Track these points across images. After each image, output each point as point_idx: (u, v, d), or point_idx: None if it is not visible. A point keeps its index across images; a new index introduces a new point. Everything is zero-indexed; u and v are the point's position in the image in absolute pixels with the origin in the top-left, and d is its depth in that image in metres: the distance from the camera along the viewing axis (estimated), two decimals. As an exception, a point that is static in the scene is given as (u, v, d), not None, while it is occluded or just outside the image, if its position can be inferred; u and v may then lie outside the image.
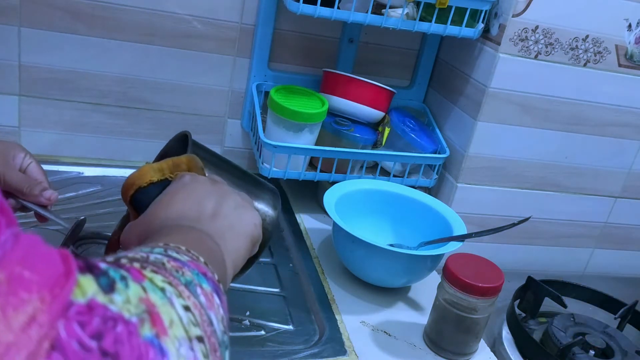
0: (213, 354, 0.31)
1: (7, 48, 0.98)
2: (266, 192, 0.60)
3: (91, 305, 0.25)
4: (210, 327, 0.32)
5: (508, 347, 0.89)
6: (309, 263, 0.93)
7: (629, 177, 1.14)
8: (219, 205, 0.48)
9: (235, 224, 0.48)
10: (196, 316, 0.31)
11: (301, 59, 1.13)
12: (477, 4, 0.94)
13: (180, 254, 0.36)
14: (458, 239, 0.88)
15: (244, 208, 0.50)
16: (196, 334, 0.30)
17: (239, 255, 0.48)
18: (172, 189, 0.48)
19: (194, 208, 0.46)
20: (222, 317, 0.35)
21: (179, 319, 0.29)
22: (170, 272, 0.32)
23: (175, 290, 0.31)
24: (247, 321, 0.81)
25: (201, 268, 0.36)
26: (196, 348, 0.30)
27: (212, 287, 0.35)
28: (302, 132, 0.99)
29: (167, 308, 0.29)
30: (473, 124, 1.01)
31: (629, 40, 0.99)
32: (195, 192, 0.48)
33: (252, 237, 0.50)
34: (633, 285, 1.21)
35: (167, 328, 0.28)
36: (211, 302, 0.34)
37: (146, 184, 0.50)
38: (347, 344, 0.78)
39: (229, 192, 0.50)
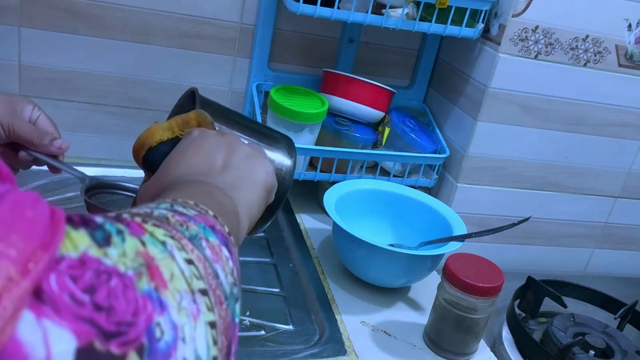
0: (218, 306, 0.31)
1: (7, 48, 0.98)
2: (280, 141, 0.60)
3: (84, 259, 0.25)
4: (215, 280, 0.32)
5: (508, 347, 0.89)
6: (309, 263, 0.93)
7: (629, 177, 1.14)
8: (229, 157, 0.47)
9: (247, 174, 0.48)
10: (200, 269, 0.31)
11: (301, 59, 1.13)
12: (477, 4, 0.94)
13: (187, 208, 0.36)
14: (458, 239, 0.88)
15: (254, 157, 0.50)
16: (199, 287, 0.30)
17: (253, 205, 0.47)
18: (181, 146, 0.48)
19: (204, 162, 0.46)
20: (231, 270, 0.35)
21: (181, 272, 0.29)
22: (173, 226, 0.32)
23: (178, 244, 0.30)
24: (247, 321, 0.81)
25: (209, 221, 0.36)
26: (199, 300, 0.29)
27: (220, 239, 0.35)
28: (302, 132, 0.99)
29: (168, 261, 0.29)
30: (473, 124, 1.01)
31: (629, 40, 0.99)
32: (204, 146, 0.47)
33: (265, 186, 0.49)
34: (633, 285, 1.21)
35: (167, 281, 0.28)
36: (218, 255, 0.33)
37: (156, 143, 0.50)
38: (347, 344, 0.78)
39: (238, 143, 0.50)
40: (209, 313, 0.30)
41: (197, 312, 0.29)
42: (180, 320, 0.27)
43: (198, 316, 0.29)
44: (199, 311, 0.29)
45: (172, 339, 0.26)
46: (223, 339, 0.31)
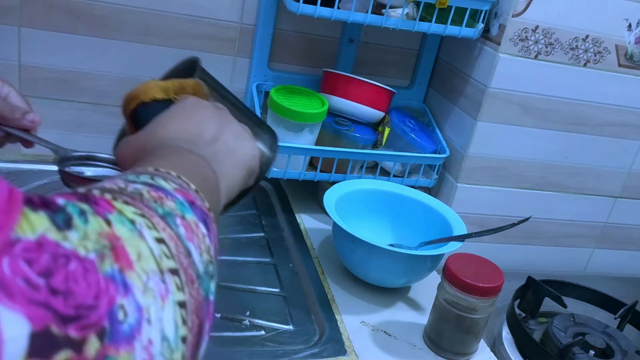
0: (189, 285, 0.31)
1: (7, 48, 0.98)
2: (266, 132, 0.59)
3: (41, 242, 0.24)
4: (187, 259, 0.31)
5: (508, 347, 0.89)
6: (309, 263, 0.93)
7: (629, 177, 1.14)
8: (220, 131, 0.47)
9: (234, 151, 0.47)
10: (171, 248, 0.30)
11: (301, 59, 1.13)
12: (477, 4, 0.94)
13: (168, 180, 0.35)
14: (458, 239, 0.88)
15: (243, 137, 0.49)
16: (169, 266, 0.29)
17: (233, 184, 0.47)
18: (174, 109, 0.47)
19: (194, 130, 0.45)
20: (207, 247, 0.34)
21: (150, 251, 0.29)
22: (147, 202, 0.31)
23: (148, 222, 0.30)
24: (247, 321, 0.81)
25: (189, 196, 0.35)
26: (168, 280, 0.29)
27: (199, 216, 0.35)
28: (302, 132, 0.99)
29: (135, 241, 0.28)
30: (473, 124, 1.01)
31: (629, 40, 0.99)
32: (197, 115, 0.47)
33: (248, 167, 0.49)
34: (633, 285, 1.21)
35: (134, 262, 0.27)
36: (193, 232, 0.33)
37: (149, 99, 0.49)
38: (347, 344, 0.78)
39: (231, 120, 0.50)
40: (179, 292, 0.29)
41: (165, 292, 0.28)
42: (145, 302, 0.27)
43: (166, 296, 0.28)
44: (167, 291, 0.28)
45: (136, 320, 0.26)
46: (194, 318, 0.31)
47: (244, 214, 1.07)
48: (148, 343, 0.26)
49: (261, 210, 1.08)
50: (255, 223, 1.04)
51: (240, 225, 1.03)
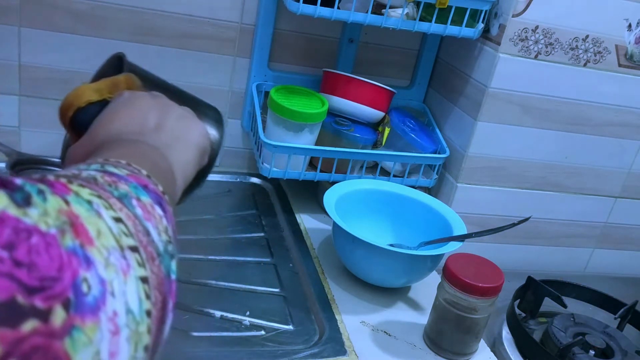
0: (150, 262, 0.31)
1: (7, 48, 0.98)
2: (208, 111, 0.59)
3: (2, 218, 0.24)
4: (146, 237, 0.32)
5: (508, 347, 0.89)
6: (309, 263, 0.93)
7: (629, 177, 1.14)
8: (162, 118, 0.47)
9: (181, 134, 0.47)
10: (129, 227, 0.31)
11: (301, 59, 1.13)
12: (477, 4, 0.94)
13: (119, 168, 0.36)
14: (458, 239, 0.88)
15: (187, 118, 0.49)
16: (129, 244, 0.30)
17: (188, 165, 0.47)
18: (112, 107, 0.47)
19: (136, 122, 0.46)
20: (165, 228, 0.35)
21: (108, 229, 0.29)
22: (102, 186, 0.32)
23: (105, 203, 0.30)
24: (247, 321, 0.81)
25: (141, 180, 0.36)
26: (129, 256, 0.29)
27: (153, 198, 0.35)
28: (302, 132, 0.99)
29: (94, 219, 0.29)
30: (473, 124, 1.01)
31: (629, 40, 0.99)
32: (137, 107, 0.47)
33: (199, 147, 0.49)
34: (633, 285, 1.21)
35: (94, 238, 0.28)
36: (150, 213, 0.34)
37: (85, 104, 0.48)
38: (347, 344, 0.78)
39: (171, 105, 0.50)
40: (140, 268, 0.30)
41: (127, 267, 0.29)
42: (108, 275, 0.27)
43: (128, 271, 0.29)
44: (129, 266, 0.29)
45: (100, 293, 0.27)
46: (157, 294, 0.31)
47: (244, 214, 1.07)
48: (113, 315, 0.27)
49: (261, 210, 1.08)
50: (255, 223, 1.04)
51: (240, 225, 1.03)
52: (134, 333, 0.28)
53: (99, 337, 0.26)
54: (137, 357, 0.29)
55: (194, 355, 0.73)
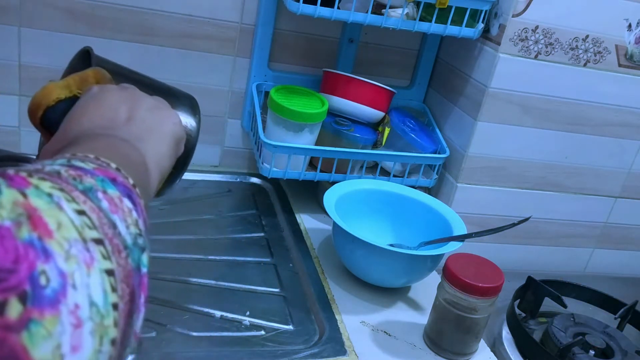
0: (116, 255, 0.31)
1: (7, 48, 0.98)
2: (182, 99, 0.58)
3: None
4: (112, 230, 0.31)
5: (508, 347, 0.89)
6: (309, 263, 0.93)
7: (629, 177, 1.14)
8: (133, 109, 0.47)
9: (153, 124, 0.47)
10: (93, 220, 0.30)
11: (301, 59, 1.13)
12: (477, 4, 0.94)
13: (86, 162, 0.35)
14: (458, 239, 0.88)
15: (159, 109, 0.49)
16: (92, 236, 0.29)
17: (162, 156, 0.47)
18: (81, 102, 0.47)
19: (107, 116, 0.45)
20: (135, 221, 0.34)
21: (70, 222, 0.28)
22: (65, 179, 0.31)
23: (67, 196, 0.30)
24: (247, 321, 0.81)
25: (109, 174, 0.35)
26: (93, 249, 0.29)
27: (122, 191, 0.35)
28: (302, 132, 0.99)
29: (54, 212, 0.28)
30: (473, 124, 1.01)
31: (629, 40, 0.99)
32: (107, 100, 0.46)
33: (173, 136, 0.49)
34: (633, 285, 1.21)
35: (53, 230, 0.27)
36: (117, 206, 0.33)
37: (54, 102, 0.48)
38: (347, 344, 0.78)
39: (141, 96, 0.49)
40: (105, 261, 0.29)
41: (90, 259, 0.28)
42: (68, 268, 0.27)
43: (92, 264, 0.28)
44: (92, 259, 0.28)
45: (60, 285, 0.26)
46: (124, 287, 0.31)
47: (244, 214, 1.07)
48: (75, 307, 0.26)
49: (261, 210, 1.08)
50: (255, 223, 1.04)
51: (240, 225, 1.03)
52: (98, 326, 0.28)
53: (59, 330, 0.25)
54: (102, 350, 0.28)
55: (194, 355, 0.73)
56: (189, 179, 1.12)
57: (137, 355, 0.71)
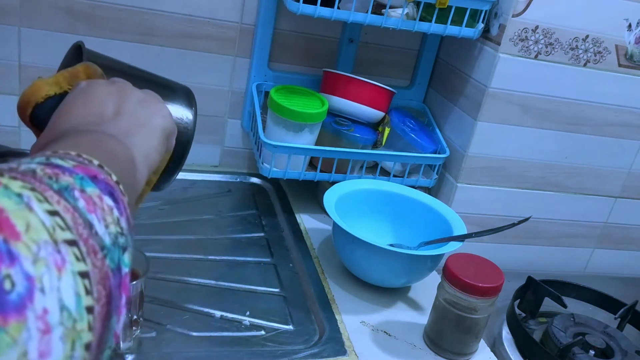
0: (92, 256, 0.30)
1: (7, 48, 0.98)
2: (178, 91, 0.57)
3: None
4: (88, 230, 0.30)
5: (508, 347, 0.89)
6: (309, 263, 0.93)
7: (629, 177, 1.14)
8: (121, 104, 0.46)
9: (141, 119, 0.46)
10: (67, 220, 0.29)
11: (301, 59, 1.13)
12: (477, 4, 0.94)
13: (66, 159, 0.34)
14: (458, 239, 0.88)
15: (148, 102, 0.48)
16: (65, 238, 0.28)
17: (151, 150, 0.46)
18: (69, 98, 0.46)
19: (95, 111, 0.44)
20: (115, 219, 0.33)
21: (40, 223, 0.27)
22: (39, 178, 0.30)
23: (39, 196, 0.29)
24: (247, 321, 0.81)
25: (90, 171, 0.34)
26: (64, 251, 0.28)
27: (103, 189, 0.34)
28: (302, 132, 0.99)
29: (23, 212, 0.27)
30: (473, 124, 1.01)
31: (629, 40, 0.99)
32: (94, 96, 0.46)
33: (162, 129, 0.48)
34: (633, 285, 1.21)
35: (21, 233, 0.26)
36: (95, 204, 0.32)
37: (43, 99, 0.47)
38: (347, 344, 0.78)
39: (130, 89, 0.48)
40: (79, 263, 0.29)
41: (62, 262, 0.27)
42: (36, 271, 0.26)
43: (63, 266, 0.28)
44: (64, 261, 0.28)
45: (27, 289, 0.25)
46: (100, 289, 0.30)
47: (244, 214, 1.07)
48: (43, 312, 0.26)
49: (261, 210, 1.08)
50: (255, 223, 1.04)
51: (240, 225, 1.03)
52: (69, 331, 0.27)
53: (25, 336, 0.24)
54: (74, 356, 0.27)
55: (194, 355, 0.73)
56: (189, 179, 1.12)
57: (137, 355, 0.71)
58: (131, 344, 0.71)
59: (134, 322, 0.70)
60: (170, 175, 0.54)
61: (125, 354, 0.70)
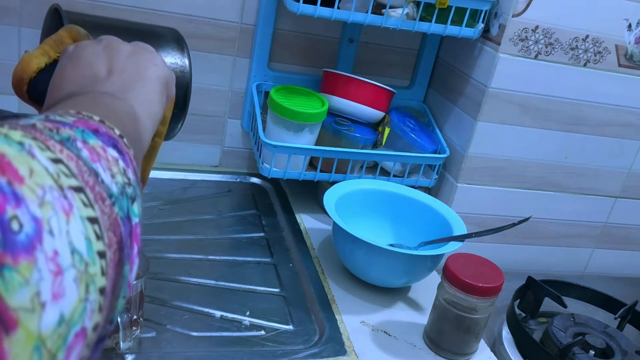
0: (100, 203, 0.30)
1: (7, 48, 0.98)
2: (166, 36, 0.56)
3: None
4: (93, 178, 0.30)
5: (508, 347, 0.89)
6: (309, 263, 0.93)
7: (629, 177, 1.14)
8: (111, 61, 0.45)
9: (135, 72, 0.46)
10: (71, 167, 0.29)
11: (301, 59, 1.13)
12: (477, 4, 0.94)
13: (65, 116, 0.34)
14: (458, 239, 0.88)
15: (138, 54, 0.48)
16: (70, 184, 0.28)
17: (151, 103, 0.45)
18: (59, 67, 0.46)
19: (86, 73, 0.44)
20: (122, 170, 0.33)
21: (44, 169, 0.27)
22: (39, 130, 0.30)
23: (41, 144, 0.28)
24: (247, 321, 0.81)
25: (91, 125, 0.34)
26: (71, 196, 0.28)
27: (105, 141, 0.33)
28: (302, 132, 0.99)
29: (24, 158, 0.27)
30: (473, 124, 1.01)
31: (629, 40, 0.99)
32: (83, 58, 0.45)
33: (158, 78, 0.47)
34: (633, 285, 1.21)
35: (24, 177, 0.26)
36: (99, 155, 0.32)
37: (35, 73, 0.47)
38: (347, 344, 0.78)
39: (117, 44, 0.48)
40: (86, 209, 0.28)
41: (69, 207, 0.27)
42: (43, 214, 0.26)
43: (71, 211, 0.27)
44: (71, 206, 0.27)
45: (35, 231, 0.25)
46: (111, 235, 0.30)
47: (244, 214, 1.07)
48: (53, 254, 0.25)
49: (261, 210, 1.08)
50: (255, 223, 1.04)
51: (240, 225, 1.03)
52: (82, 274, 0.27)
53: (36, 277, 0.24)
54: (89, 299, 0.27)
55: (194, 355, 0.73)
56: (189, 179, 1.12)
57: (137, 355, 0.71)
58: (131, 344, 0.71)
59: (134, 322, 0.70)
60: (178, 122, 0.53)
61: (125, 354, 0.70)
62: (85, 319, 0.27)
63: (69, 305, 0.26)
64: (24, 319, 0.23)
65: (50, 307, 0.25)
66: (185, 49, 0.56)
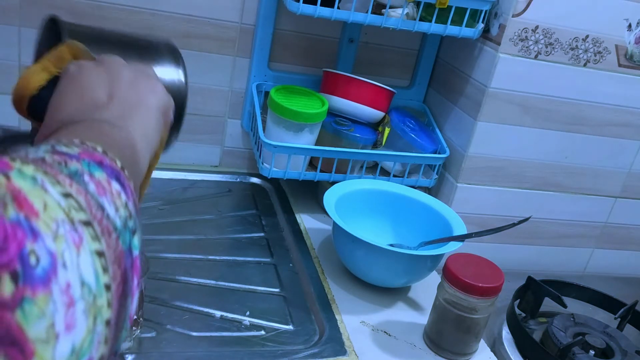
0: (106, 236, 0.31)
1: (7, 48, 0.98)
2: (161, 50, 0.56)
3: None
4: (101, 212, 0.31)
5: (508, 347, 0.89)
6: (309, 263, 0.93)
7: (629, 177, 1.14)
8: (112, 87, 0.46)
9: (135, 100, 0.46)
10: (80, 202, 0.30)
11: (301, 59, 1.13)
12: (477, 4, 0.94)
13: (71, 146, 0.34)
14: (458, 239, 0.88)
15: (139, 80, 0.48)
16: (80, 218, 0.29)
17: (149, 130, 0.46)
18: (60, 87, 0.46)
19: (87, 100, 0.44)
20: (124, 203, 0.34)
21: (56, 203, 0.28)
22: (50, 164, 0.31)
23: (52, 179, 0.29)
24: (247, 321, 0.81)
25: (96, 157, 0.35)
26: (81, 230, 0.29)
27: (109, 173, 0.34)
28: (302, 132, 0.99)
29: (39, 193, 0.28)
30: (473, 124, 1.01)
31: (629, 40, 0.99)
32: (84, 82, 0.45)
33: (158, 107, 0.47)
34: (633, 285, 1.21)
35: (39, 211, 0.27)
36: (105, 189, 0.33)
37: (36, 90, 0.46)
38: (347, 344, 0.78)
39: (119, 69, 0.48)
40: (94, 242, 0.29)
41: (79, 240, 0.28)
42: (57, 247, 0.27)
43: (81, 244, 0.28)
44: (81, 239, 0.28)
45: (50, 264, 0.26)
46: (115, 268, 0.31)
47: (244, 214, 1.07)
48: (66, 286, 0.26)
49: (261, 210, 1.08)
50: (255, 223, 1.04)
51: (240, 225, 1.03)
52: (91, 305, 0.28)
53: (52, 309, 0.25)
54: (97, 331, 0.28)
55: (194, 355, 0.73)
56: (189, 179, 1.12)
57: (137, 355, 0.71)
58: (131, 344, 0.71)
59: (134, 322, 0.70)
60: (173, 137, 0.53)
61: (125, 354, 0.70)
62: (93, 350, 0.28)
63: (79, 337, 0.27)
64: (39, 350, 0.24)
65: (63, 338, 0.26)
66: (182, 64, 0.55)
